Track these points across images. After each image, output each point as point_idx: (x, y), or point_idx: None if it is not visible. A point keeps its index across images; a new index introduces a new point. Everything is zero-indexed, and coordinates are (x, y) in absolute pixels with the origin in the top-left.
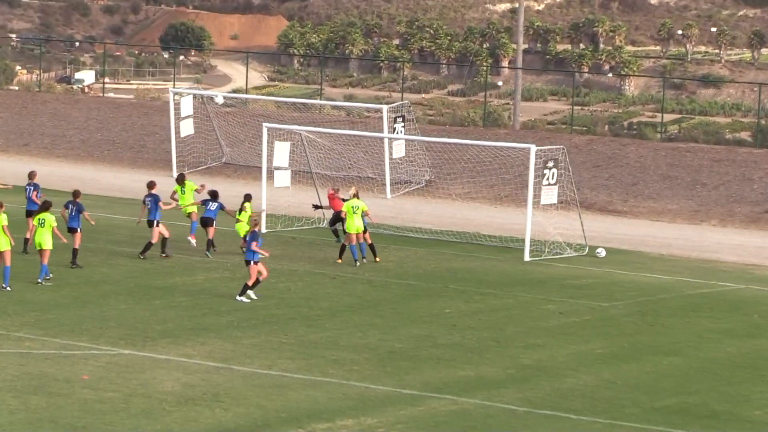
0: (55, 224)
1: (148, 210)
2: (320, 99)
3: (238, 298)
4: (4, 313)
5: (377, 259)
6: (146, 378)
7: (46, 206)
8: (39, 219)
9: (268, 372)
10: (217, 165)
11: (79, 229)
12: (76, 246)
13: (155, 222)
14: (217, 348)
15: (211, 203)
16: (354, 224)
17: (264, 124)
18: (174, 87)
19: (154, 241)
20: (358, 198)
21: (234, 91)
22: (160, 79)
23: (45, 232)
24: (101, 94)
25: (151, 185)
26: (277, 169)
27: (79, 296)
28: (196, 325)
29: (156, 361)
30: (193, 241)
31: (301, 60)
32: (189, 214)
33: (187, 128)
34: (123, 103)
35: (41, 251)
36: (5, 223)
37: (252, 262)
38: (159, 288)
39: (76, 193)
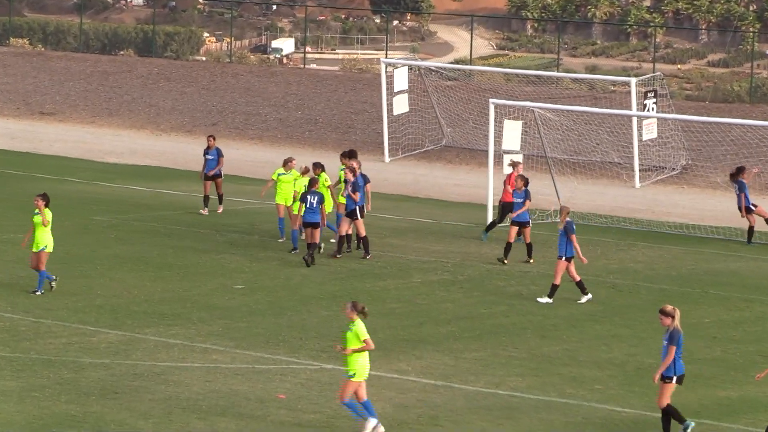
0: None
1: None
2: (557, 71)
3: (542, 300)
4: (188, 321)
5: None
6: None
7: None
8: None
9: (494, 391)
10: (436, 148)
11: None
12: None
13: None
14: (435, 363)
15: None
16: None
17: (491, 100)
18: (386, 57)
19: (363, 234)
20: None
21: (456, 62)
22: (371, 47)
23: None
24: (302, 66)
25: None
26: (507, 152)
27: (275, 301)
28: (411, 336)
29: None
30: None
31: (536, 25)
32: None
33: (402, 105)
34: (327, 76)
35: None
36: (48, 218)
37: (563, 258)
38: (367, 292)
39: (312, 182)
